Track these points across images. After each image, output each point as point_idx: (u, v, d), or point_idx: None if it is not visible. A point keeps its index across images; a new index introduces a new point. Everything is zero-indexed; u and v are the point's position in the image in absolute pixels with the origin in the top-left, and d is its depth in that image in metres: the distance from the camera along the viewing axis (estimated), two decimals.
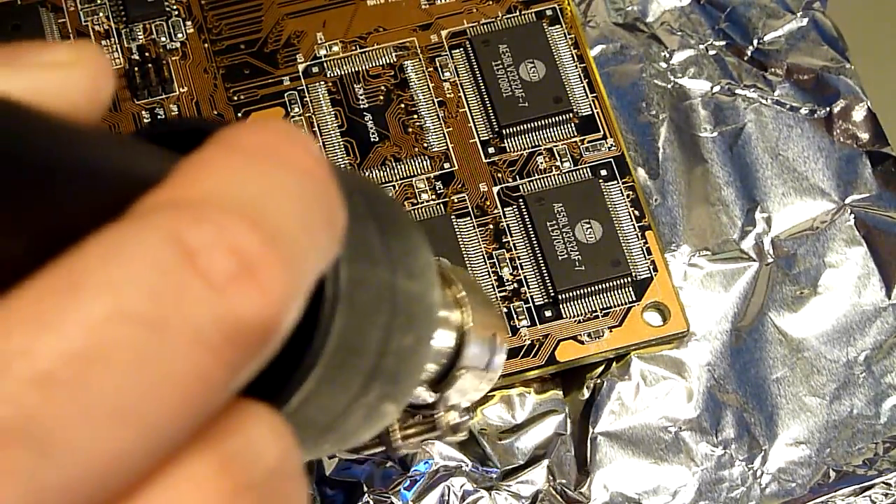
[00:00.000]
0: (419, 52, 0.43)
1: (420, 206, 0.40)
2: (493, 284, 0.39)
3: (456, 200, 0.41)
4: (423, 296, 0.22)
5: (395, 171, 0.41)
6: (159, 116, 0.42)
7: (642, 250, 0.40)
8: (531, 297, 0.39)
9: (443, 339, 0.30)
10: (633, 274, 0.39)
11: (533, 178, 0.41)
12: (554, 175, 0.41)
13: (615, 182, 0.41)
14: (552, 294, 0.39)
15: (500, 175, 0.41)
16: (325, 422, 0.20)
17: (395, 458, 0.37)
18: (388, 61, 0.43)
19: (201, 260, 0.14)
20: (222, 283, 0.14)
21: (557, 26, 0.43)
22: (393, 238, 0.21)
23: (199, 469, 0.15)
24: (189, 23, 0.43)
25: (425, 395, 0.30)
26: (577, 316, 0.39)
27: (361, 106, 0.42)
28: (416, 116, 0.42)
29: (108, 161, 0.15)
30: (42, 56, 0.16)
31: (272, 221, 0.15)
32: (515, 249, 0.40)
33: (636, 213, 0.40)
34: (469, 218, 0.40)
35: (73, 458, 0.13)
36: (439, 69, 0.42)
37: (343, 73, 0.42)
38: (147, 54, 0.42)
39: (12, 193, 0.14)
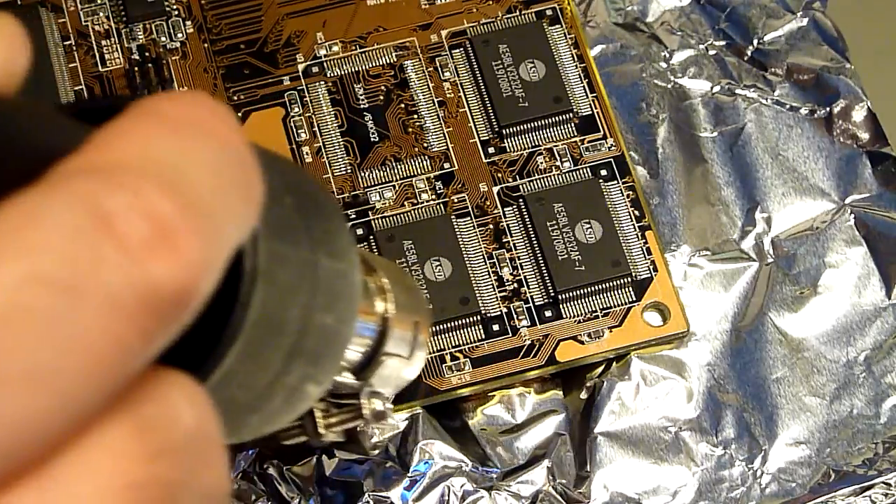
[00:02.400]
0: (419, 51, 0.43)
1: (420, 206, 0.40)
2: (493, 284, 0.39)
3: (456, 200, 0.41)
4: (345, 275, 0.22)
5: (395, 171, 0.41)
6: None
7: (642, 250, 0.40)
8: (531, 297, 0.39)
9: (365, 325, 0.30)
10: (633, 274, 0.39)
11: (533, 178, 0.41)
12: (554, 175, 0.41)
13: (615, 182, 0.41)
14: (552, 294, 0.39)
15: (500, 175, 0.41)
16: (246, 401, 0.20)
17: (318, 445, 0.37)
18: (388, 61, 0.43)
19: (117, 225, 0.14)
20: (137, 248, 0.14)
21: (557, 26, 0.43)
22: (315, 219, 0.21)
23: (113, 435, 0.14)
24: (189, 23, 0.43)
25: (349, 381, 0.30)
26: (577, 316, 0.39)
27: (361, 106, 0.42)
28: (416, 116, 0.42)
29: (24, 130, 0.15)
30: None
31: (189, 188, 0.15)
32: (515, 249, 0.40)
33: (636, 213, 0.40)
34: (469, 218, 0.40)
35: None
36: (439, 69, 0.42)
37: (343, 72, 0.42)
38: (147, 54, 0.42)
39: None
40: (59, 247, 0.14)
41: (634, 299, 0.39)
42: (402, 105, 0.42)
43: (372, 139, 0.41)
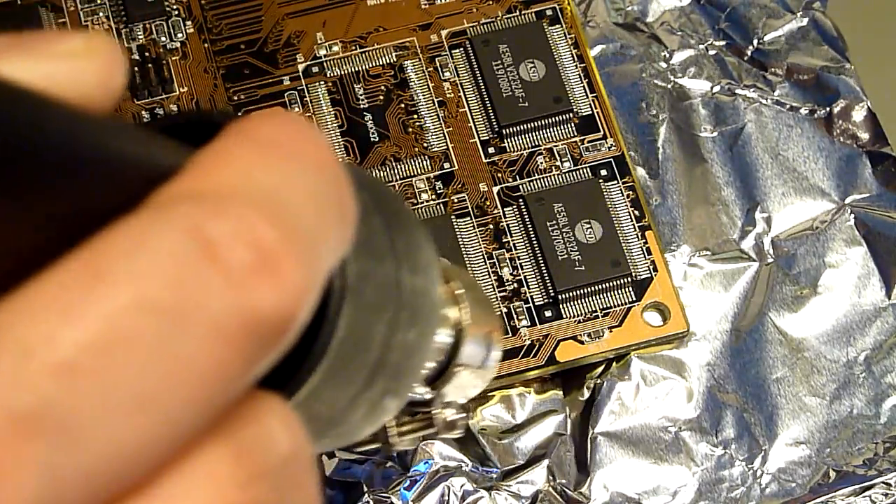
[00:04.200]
0: (419, 51, 0.43)
1: (420, 206, 0.40)
2: (493, 284, 0.39)
3: (456, 200, 0.41)
4: (427, 291, 0.22)
5: (395, 171, 0.41)
6: (159, 117, 0.41)
7: (642, 250, 0.40)
8: (531, 297, 0.39)
9: (441, 336, 0.30)
10: (633, 274, 0.39)
11: (533, 178, 0.41)
12: (554, 175, 0.41)
13: (615, 182, 0.41)
14: (552, 294, 0.39)
15: (500, 175, 0.41)
16: (330, 415, 0.20)
17: (391, 455, 0.37)
18: (388, 61, 0.43)
19: (221, 252, 0.14)
20: (241, 275, 0.14)
21: (557, 26, 0.43)
22: (398, 233, 0.21)
23: (214, 458, 0.15)
24: (189, 23, 0.43)
25: (422, 391, 0.30)
26: (577, 316, 0.39)
27: (361, 106, 0.42)
28: (416, 116, 0.42)
29: (123, 150, 0.15)
30: (56, 45, 0.16)
31: (289, 215, 0.15)
32: (515, 249, 0.40)
33: (636, 213, 0.40)
34: (469, 218, 0.40)
35: (91, 447, 0.13)
36: (439, 69, 0.42)
37: (343, 72, 0.42)
38: (147, 54, 0.42)
39: (32, 182, 0.14)
40: (165, 273, 0.14)
41: (634, 299, 0.39)
42: (402, 105, 0.42)
43: (372, 139, 0.41)
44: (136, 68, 0.42)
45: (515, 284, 0.39)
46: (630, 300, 0.39)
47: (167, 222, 0.14)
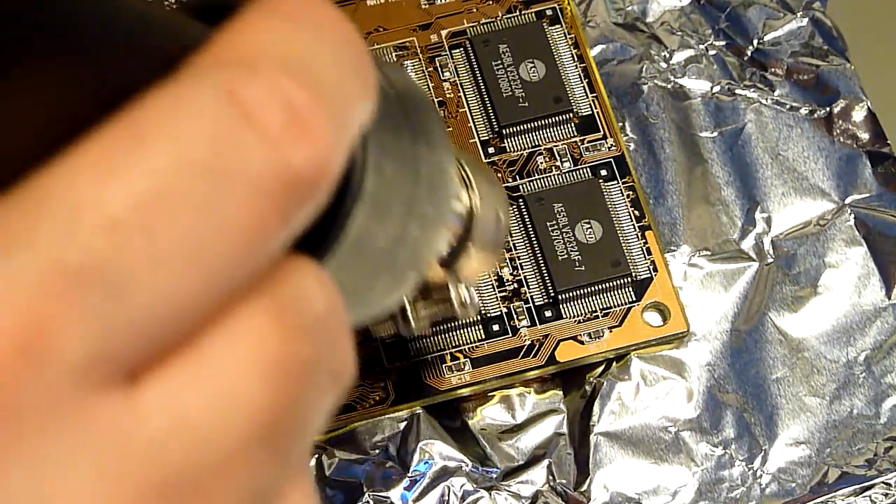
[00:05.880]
0: (419, 51, 0.43)
1: None
2: (493, 284, 0.39)
3: None
4: (443, 167, 0.22)
5: None
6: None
7: (642, 250, 0.40)
8: (531, 297, 0.39)
9: (455, 214, 0.30)
10: (633, 274, 0.39)
11: (533, 178, 0.41)
12: (554, 175, 0.41)
13: (615, 182, 0.41)
14: (552, 294, 0.39)
15: (500, 175, 0.41)
16: (355, 286, 0.21)
17: (409, 336, 0.37)
18: (387, 61, 0.42)
19: (256, 113, 0.15)
20: (276, 134, 0.15)
21: (557, 26, 0.43)
22: (413, 111, 0.22)
23: (256, 314, 0.15)
24: None
25: (438, 271, 0.31)
26: (577, 316, 0.39)
27: None
28: None
29: (157, 22, 0.16)
30: None
31: (318, 78, 0.16)
32: (515, 249, 0.40)
33: (636, 213, 0.40)
34: None
35: (139, 300, 0.14)
36: (439, 69, 0.42)
37: None
38: None
39: (72, 45, 0.14)
40: (204, 135, 0.15)
41: (634, 299, 0.39)
42: None
43: None
44: None
45: (515, 284, 0.39)
46: (630, 300, 0.39)
47: (204, 86, 0.15)
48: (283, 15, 0.17)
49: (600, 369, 0.39)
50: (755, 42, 0.44)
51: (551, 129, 0.41)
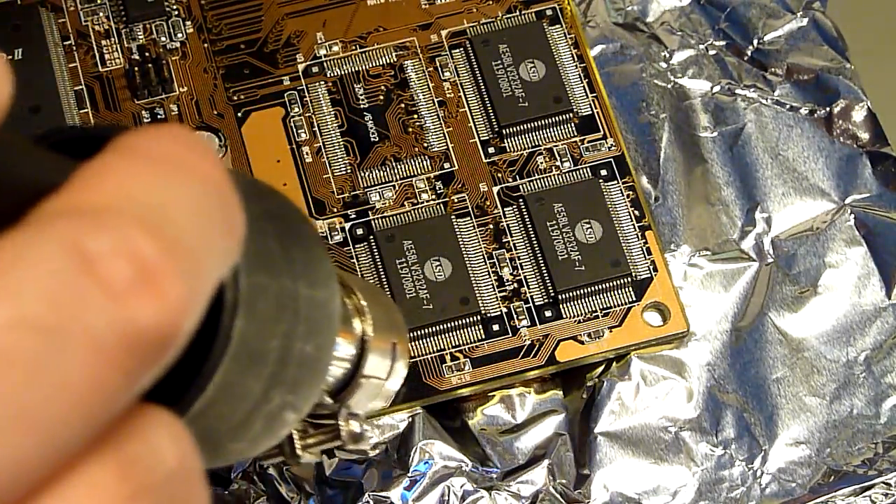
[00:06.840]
0: (419, 51, 0.43)
1: (420, 206, 0.40)
2: (493, 284, 0.39)
3: (456, 200, 0.41)
4: (326, 304, 0.22)
5: (395, 171, 0.41)
6: (159, 117, 0.42)
7: (642, 250, 0.40)
8: (531, 297, 0.39)
9: (344, 348, 0.30)
10: (633, 274, 0.39)
11: (533, 178, 0.41)
12: (554, 175, 0.41)
13: (615, 182, 0.41)
14: (552, 294, 0.39)
15: (500, 175, 0.41)
16: (226, 429, 0.20)
17: (296, 465, 0.37)
18: (388, 61, 0.43)
19: (100, 267, 0.14)
20: (121, 290, 0.14)
21: (557, 26, 0.43)
22: (295, 246, 0.21)
23: (98, 473, 0.15)
24: (189, 23, 0.43)
25: (327, 403, 0.30)
26: (577, 316, 0.39)
27: (361, 106, 0.42)
28: (416, 116, 0.42)
29: (4, 166, 0.15)
30: None
31: (171, 228, 0.15)
32: (515, 249, 0.40)
33: (636, 213, 0.40)
34: (469, 218, 0.40)
35: None
36: (439, 69, 0.42)
37: (343, 72, 0.42)
38: (147, 54, 0.42)
39: None
40: (43, 290, 0.14)
41: (634, 299, 0.39)
42: (402, 105, 0.42)
43: (372, 139, 0.41)
44: (136, 68, 0.42)
45: (515, 284, 0.39)
46: (630, 300, 0.39)
47: (46, 238, 0.14)
48: (142, 156, 0.16)
49: (600, 369, 0.39)
50: (755, 42, 0.44)
51: (551, 129, 0.41)
